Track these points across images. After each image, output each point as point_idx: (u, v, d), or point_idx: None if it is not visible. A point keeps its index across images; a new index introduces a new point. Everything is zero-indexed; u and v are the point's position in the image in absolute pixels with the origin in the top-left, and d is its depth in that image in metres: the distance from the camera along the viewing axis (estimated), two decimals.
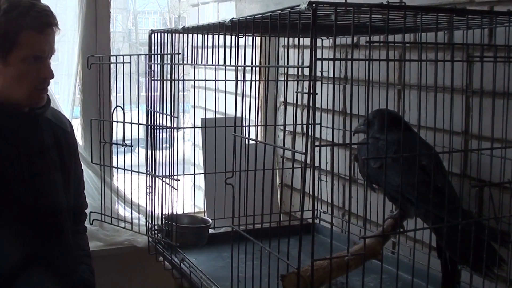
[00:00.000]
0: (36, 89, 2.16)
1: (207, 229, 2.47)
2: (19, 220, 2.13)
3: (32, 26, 2.07)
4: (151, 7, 13.52)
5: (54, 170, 2.28)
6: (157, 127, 2.43)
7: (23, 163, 2.17)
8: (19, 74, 2.11)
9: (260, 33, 1.75)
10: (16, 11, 2.06)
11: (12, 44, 2.06)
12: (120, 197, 3.11)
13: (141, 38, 13.11)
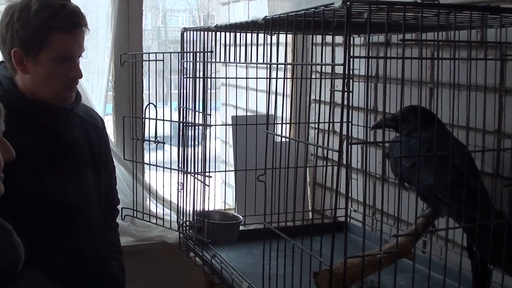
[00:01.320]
0: (65, 88, 2.19)
1: (238, 226, 2.49)
2: (50, 214, 2.15)
3: (62, 27, 2.10)
4: (180, 5, 13.59)
5: (85, 166, 2.31)
6: (189, 124, 2.44)
7: (54, 158, 2.20)
8: (49, 73, 2.14)
9: (293, 31, 1.75)
10: (46, 12, 2.09)
11: (42, 44, 2.10)
12: (152, 193, 3.13)
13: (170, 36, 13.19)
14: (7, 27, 2.11)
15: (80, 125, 2.33)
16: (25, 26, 2.08)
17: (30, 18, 2.08)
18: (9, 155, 1.60)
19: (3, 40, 2.14)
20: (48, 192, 2.16)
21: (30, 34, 2.08)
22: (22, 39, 2.09)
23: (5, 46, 2.14)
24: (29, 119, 1.71)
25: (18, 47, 2.10)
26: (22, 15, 2.08)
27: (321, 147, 1.59)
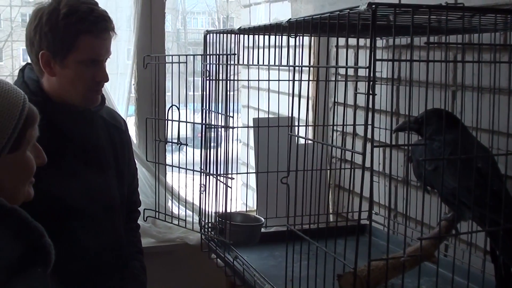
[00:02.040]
0: (90, 90, 2.20)
1: (260, 228, 2.49)
2: (72, 215, 2.17)
3: (90, 31, 2.11)
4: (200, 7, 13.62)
5: (108, 168, 2.32)
6: (212, 126, 2.45)
7: (78, 160, 2.21)
8: (75, 76, 2.15)
9: (317, 33, 1.76)
10: (75, 16, 2.10)
11: (70, 47, 2.11)
12: (173, 194, 3.14)
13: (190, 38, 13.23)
14: (35, 29, 2.13)
15: (104, 128, 2.34)
16: (54, 30, 2.09)
17: (59, 22, 2.09)
18: (41, 160, 1.62)
19: (30, 42, 2.16)
20: (71, 194, 2.17)
21: (58, 38, 2.09)
22: (50, 42, 2.10)
23: (32, 49, 2.16)
24: (54, 121, 1.73)
25: (46, 49, 2.11)
26: (51, 18, 2.10)
27: (346, 149, 1.59)
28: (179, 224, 2.73)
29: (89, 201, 2.22)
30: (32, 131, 1.57)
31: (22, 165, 1.56)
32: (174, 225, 2.84)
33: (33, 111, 1.57)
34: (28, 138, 1.55)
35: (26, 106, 1.54)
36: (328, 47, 2.80)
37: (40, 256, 1.47)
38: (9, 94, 1.52)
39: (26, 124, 1.53)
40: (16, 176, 1.55)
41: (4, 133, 1.47)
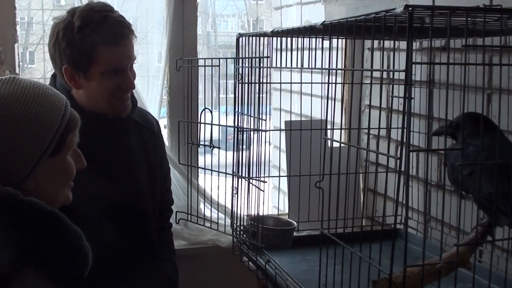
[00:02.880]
0: (118, 99, 2.20)
1: (292, 232, 2.48)
2: (106, 220, 2.17)
3: (106, 40, 2.09)
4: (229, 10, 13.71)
5: (141, 171, 2.32)
6: (245, 129, 2.45)
7: (110, 166, 2.22)
8: (101, 88, 2.14)
9: (353, 36, 1.74)
10: (89, 28, 2.08)
11: (90, 60, 2.09)
12: (205, 197, 3.14)
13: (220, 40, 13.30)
14: (54, 46, 2.12)
15: (136, 131, 2.34)
16: (71, 45, 2.08)
17: (74, 36, 2.07)
18: (81, 165, 1.65)
19: (52, 59, 2.16)
20: (104, 199, 2.18)
21: (76, 52, 2.08)
22: (70, 57, 2.09)
23: (55, 65, 2.16)
24: (85, 129, 1.72)
25: (67, 65, 2.11)
26: (66, 33, 2.09)
27: (382, 153, 1.57)
28: (211, 226, 2.73)
29: (121, 206, 2.22)
30: (73, 136, 1.59)
31: (62, 169, 1.58)
32: (206, 228, 2.84)
33: (74, 116, 1.59)
34: (69, 143, 1.57)
35: (67, 111, 1.56)
36: (363, 50, 2.78)
37: (78, 259, 1.47)
38: (52, 99, 1.53)
39: (68, 129, 1.55)
40: (56, 180, 1.57)
41: (46, 137, 1.49)
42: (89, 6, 2.14)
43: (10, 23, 2.90)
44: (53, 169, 1.54)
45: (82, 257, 1.48)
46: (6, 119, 1.45)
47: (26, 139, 1.46)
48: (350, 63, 2.82)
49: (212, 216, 3.11)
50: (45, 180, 1.54)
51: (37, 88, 1.53)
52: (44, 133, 1.49)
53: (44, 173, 1.52)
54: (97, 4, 2.17)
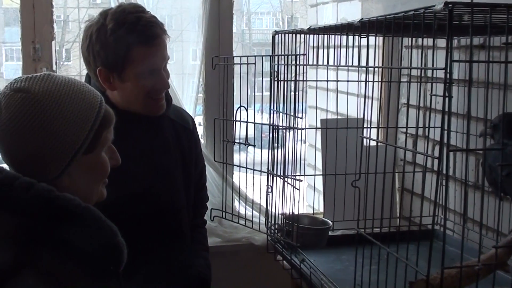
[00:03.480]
0: (153, 99, 2.20)
1: (327, 231, 2.46)
2: (141, 216, 2.18)
3: (140, 42, 2.09)
4: (264, 7, 13.66)
5: (175, 168, 2.33)
6: (280, 127, 2.44)
7: (145, 163, 2.23)
8: (136, 88, 2.15)
9: (391, 33, 1.72)
10: (122, 29, 2.08)
11: (125, 61, 2.10)
12: (240, 195, 3.14)
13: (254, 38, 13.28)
14: (88, 49, 2.13)
15: (171, 129, 2.35)
16: (105, 47, 2.09)
17: (108, 38, 2.08)
18: (115, 161, 1.65)
19: (86, 61, 2.17)
20: (139, 196, 2.19)
21: (110, 54, 2.09)
22: (104, 59, 2.10)
23: (90, 67, 2.17)
24: (119, 128, 1.72)
25: (102, 67, 2.12)
26: (100, 35, 2.09)
27: (420, 153, 1.55)
28: (245, 224, 2.72)
29: (155, 205, 2.24)
30: (107, 133, 1.59)
31: (97, 166, 1.58)
32: (240, 225, 2.84)
33: (109, 113, 1.59)
34: (104, 140, 1.57)
35: (102, 108, 1.56)
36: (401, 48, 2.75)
37: (113, 255, 1.48)
38: (87, 96, 1.53)
39: (102, 126, 1.55)
40: (90, 176, 1.58)
41: (80, 134, 1.49)
42: (121, 8, 2.14)
43: (47, 21, 2.93)
44: (88, 166, 1.55)
45: (117, 253, 1.48)
46: (41, 116, 1.45)
47: (61, 137, 1.47)
48: (387, 61, 2.79)
49: (247, 214, 3.10)
50: (80, 177, 1.54)
51: (72, 85, 1.53)
52: (79, 130, 1.49)
53: (79, 169, 1.53)
54: (129, 6, 2.17)
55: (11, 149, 1.48)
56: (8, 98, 1.47)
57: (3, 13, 12.26)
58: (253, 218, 2.81)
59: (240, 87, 2.80)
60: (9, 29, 12.01)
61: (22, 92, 1.47)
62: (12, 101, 1.46)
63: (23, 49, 2.96)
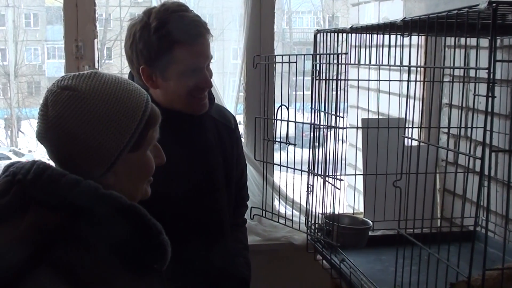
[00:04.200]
0: (195, 98, 2.20)
1: (367, 231, 2.45)
2: (183, 216, 2.20)
3: (183, 40, 2.09)
4: (305, 6, 13.67)
5: (217, 167, 2.33)
6: (322, 126, 2.44)
7: (188, 162, 2.23)
8: (178, 87, 2.15)
9: (434, 32, 1.71)
10: (166, 28, 2.08)
11: (168, 60, 2.10)
12: (280, 194, 3.15)
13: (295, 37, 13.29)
14: (131, 47, 2.14)
15: (213, 127, 2.36)
16: (148, 45, 2.09)
17: (151, 37, 2.08)
18: (160, 160, 1.66)
19: (130, 60, 2.18)
20: (181, 195, 2.20)
21: (154, 53, 2.09)
22: (147, 58, 2.11)
23: (133, 66, 2.18)
24: (163, 126, 1.73)
25: (145, 65, 2.13)
26: (143, 34, 2.10)
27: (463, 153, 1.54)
28: (285, 223, 2.72)
29: (197, 202, 2.25)
30: (153, 132, 1.59)
31: (142, 165, 1.59)
32: (280, 224, 2.84)
33: (155, 112, 1.60)
34: (149, 139, 1.58)
35: (148, 107, 1.56)
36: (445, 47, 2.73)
37: (157, 253, 1.49)
38: (133, 94, 1.54)
39: (148, 124, 1.55)
40: (135, 174, 1.59)
41: (126, 133, 1.50)
42: (164, 7, 2.15)
43: (90, 19, 2.98)
44: (133, 164, 1.56)
45: (161, 251, 1.49)
46: (87, 114, 1.46)
47: (107, 135, 1.47)
48: (429, 61, 2.77)
49: (286, 213, 3.11)
50: (125, 175, 1.55)
51: (118, 83, 1.53)
52: (125, 129, 1.49)
53: (124, 168, 1.54)
54: (173, 4, 2.18)
55: (58, 146, 1.49)
56: (55, 96, 1.48)
57: (46, 11, 12.49)
58: (293, 217, 2.81)
59: (281, 86, 2.80)
60: (51, 27, 12.23)
61: (69, 90, 1.48)
62: (59, 98, 1.47)
63: (66, 47, 3.00)
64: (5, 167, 1.54)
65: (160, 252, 1.50)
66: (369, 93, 2.91)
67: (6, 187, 1.46)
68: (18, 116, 12.10)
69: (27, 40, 12.38)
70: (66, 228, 1.41)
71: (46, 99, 1.50)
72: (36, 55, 12.62)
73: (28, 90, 12.43)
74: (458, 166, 2.55)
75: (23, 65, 12.21)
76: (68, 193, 1.42)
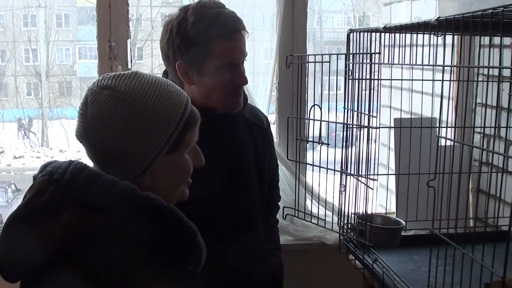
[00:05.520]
0: (231, 95, 2.21)
1: (400, 231, 2.45)
2: (217, 216, 2.21)
3: (221, 35, 2.10)
4: (336, 6, 13.63)
5: (250, 167, 2.34)
6: (356, 126, 2.43)
7: (221, 162, 2.24)
8: (215, 83, 2.16)
9: (469, 32, 1.70)
10: (203, 23, 2.09)
11: (205, 55, 2.11)
12: (312, 194, 3.15)
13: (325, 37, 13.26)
14: (167, 43, 2.16)
15: (246, 127, 2.36)
16: (185, 40, 2.11)
17: (189, 31, 2.10)
18: (199, 162, 1.66)
19: (166, 56, 2.19)
20: (215, 195, 2.22)
21: (191, 47, 2.11)
22: (184, 53, 2.12)
23: (169, 62, 2.19)
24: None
25: (181, 60, 2.14)
26: (180, 29, 2.11)
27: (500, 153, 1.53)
28: (318, 223, 2.72)
29: (230, 202, 2.26)
30: (192, 134, 1.59)
31: (180, 167, 1.59)
32: (312, 224, 2.84)
33: (195, 114, 1.59)
34: (188, 141, 1.57)
35: (188, 109, 1.56)
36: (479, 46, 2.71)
37: (192, 255, 1.50)
38: (172, 96, 1.54)
39: (187, 126, 1.55)
40: (172, 176, 1.59)
41: (163, 135, 1.50)
42: (201, 3, 2.17)
43: (123, 19, 3.00)
44: (170, 166, 1.56)
45: (196, 253, 1.49)
46: (125, 115, 1.46)
47: (144, 136, 1.47)
48: (463, 60, 2.75)
49: (319, 212, 3.10)
50: (162, 177, 1.55)
51: (158, 84, 1.53)
52: (162, 130, 1.49)
53: (161, 169, 1.53)
54: (209, 1, 2.19)
55: (96, 146, 1.50)
56: (95, 95, 1.49)
57: (77, 12, 12.61)
58: (325, 217, 2.81)
59: (314, 86, 2.80)
60: (83, 28, 12.34)
61: (109, 89, 1.48)
62: (99, 98, 1.48)
63: (99, 47, 3.03)
64: (42, 166, 1.55)
65: (195, 254, 1.50)
66: (402, 92, 2.90)
67: (43, 186, 1.47)
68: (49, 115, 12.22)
69: (59, 40, 12.49)
70: (97, 228, 1.42)
71: (86, 98, 1.51)
72: (67, 55, 12.74)
73: (59, 90, 12.52)
74: (490, 166, 2.54)
75: (54, 65, 12.31)
76: (105, 193, 1.43)
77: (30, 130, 12.30)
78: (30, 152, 11.34)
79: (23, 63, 12.35)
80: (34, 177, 1.53)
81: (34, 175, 1.54)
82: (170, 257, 1.47)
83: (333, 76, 2.55)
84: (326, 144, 2.52)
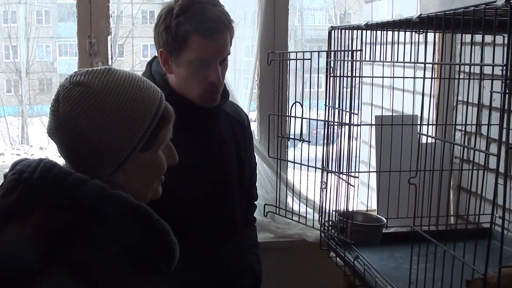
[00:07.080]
0: (206, 91, 2.21)
1: (381, 228, 2.45)
2: (195, 208, 2.21)
3: (198, 31, 2.11)
4: (317, 3, 13.65)
5: (231, 161, 2.34)
6: (336, 123, 2.43)
7: (201, 153, 2.25)
8: (188, 76, 2.17)
9: (450, 29, 1.70)
10: (184, 16, 2.11)
11: (181, 47, 2.13)
12: (294, 191, 3.15)
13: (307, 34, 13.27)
14: (155, 29, 2.20)
15: (227, 122, 2.37)
16: (167, 29, 2.14)
17: (172, 21, 2.13)
18: (172, 160, 1.63)
19: (154, 41, 2.24)
20: (194, 186, 2.21)
21: (170, 37, 2.13)
22: (165, 41, 2.15)
23: (156, 47, 2.23)
24: (179, 116, 1.73)
25: (163, 48, 2.17)
26: (166, 18, 2.14)
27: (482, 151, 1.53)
28: (298, 220, 2.72)
29: (210, 196, 2.26)
30: (165, 131, 1.56)
31: (153, 165, 1.56)
32: (293, 221, 2.84)
33: (169, 112, 1.57)
34: (162, 138, 1.55)
35: (162, 106, 1.53)
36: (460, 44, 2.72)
37: (165, 253, 1.48)
38: (146, 93, 1.51)
39: (160, 124, 1.52)
40: (146, 174, 1.56)
41: (137, 132, 1.47)
42: None
43: (103, 16, 2.98)
44: (143, 164, 1.53)
45: (168, 252, 1.48)
46: (98, 112, 1.44)
47: (117, 134, 1.45)
48: (443, 58, 2.76)
49: (300, 210, 3.10)
50: (135, 175, 1.52)
51: (131, 80, 1.51)
52: (136, 128, 1.47)
53: (134, 167, 1.51)
54: None
55: (67, 143, 1.47)
56: (67, 91, 1.46)
57: (57, 8, 12.52)
58: (306, 215, 2.81)
59: (295, 83, 2.79)
60: (63, 24, 12.26)
61: (81, 86, 1.46)
62: (71, 94, 1.45)
63: (79, 44, 3.00)
64: (12, 164, 1.52)
65: (168, 252, 1.48)
66: (383, 90, 2.91)
67: (12, 185, 1.45)
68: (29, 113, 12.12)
69: (39, 37, 12.39)
70: (76, 228, 1.39)
71: (58, 94, 1.48)
72: (47, 52, 12.64)
73: (39, 87, 12.44)
74: (472, 164, 2.55)
75: (34, 62, 12.21)
76: (75, 192, 1.40)
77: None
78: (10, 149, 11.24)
79: (3, 60, 12.23)
80: (5, 176, 1.50)
81: (5, 173, 1.51)
82: (143, 256, 1.44)
83: (314, 73, 2.55)
84: (307, 142, 2.52)
